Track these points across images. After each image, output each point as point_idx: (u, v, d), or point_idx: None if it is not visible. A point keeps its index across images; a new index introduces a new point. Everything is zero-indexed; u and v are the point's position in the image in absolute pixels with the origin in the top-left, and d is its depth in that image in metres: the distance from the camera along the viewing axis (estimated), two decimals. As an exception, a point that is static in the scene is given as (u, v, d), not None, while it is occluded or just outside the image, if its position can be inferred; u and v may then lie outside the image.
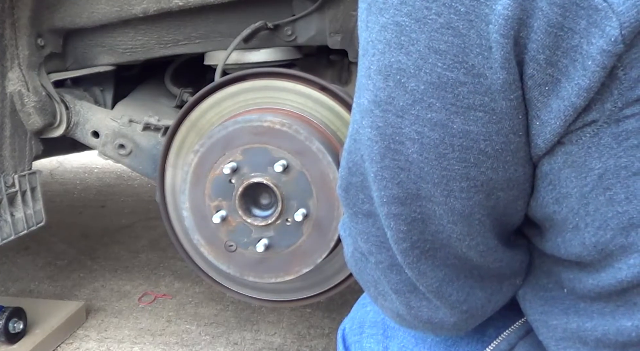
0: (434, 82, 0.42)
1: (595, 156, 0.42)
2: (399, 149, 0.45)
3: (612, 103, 0.40)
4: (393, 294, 0.54)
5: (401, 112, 0.44)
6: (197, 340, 1.72)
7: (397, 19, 0.43)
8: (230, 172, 1.10)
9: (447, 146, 0.44)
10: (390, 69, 0.44)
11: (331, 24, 1.28)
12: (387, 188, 0.47)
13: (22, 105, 1.38)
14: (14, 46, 1.35)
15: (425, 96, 0.43)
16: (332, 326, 1.76)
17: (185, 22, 1.36)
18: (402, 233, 0.48)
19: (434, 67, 0.42)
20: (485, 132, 0.43)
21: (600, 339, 0.47)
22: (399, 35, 0.43)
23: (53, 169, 3.80)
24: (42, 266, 2.28)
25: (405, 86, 0.43)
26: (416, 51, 0.42)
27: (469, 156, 0.44)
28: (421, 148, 0.44)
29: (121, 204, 3.09)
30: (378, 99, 0.45)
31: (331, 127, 1.19)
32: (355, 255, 0.57)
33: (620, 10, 0.38)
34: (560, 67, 0.40)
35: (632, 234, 0.42)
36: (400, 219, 0.47)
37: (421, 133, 0.44)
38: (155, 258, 2.35)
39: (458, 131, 0.43)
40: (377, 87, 0.45)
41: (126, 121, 1.44)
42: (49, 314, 1.74)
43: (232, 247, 1.15)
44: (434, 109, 0.43)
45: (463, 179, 0.45)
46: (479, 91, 0.42)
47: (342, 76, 1.52)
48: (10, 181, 1.40)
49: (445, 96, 0.42)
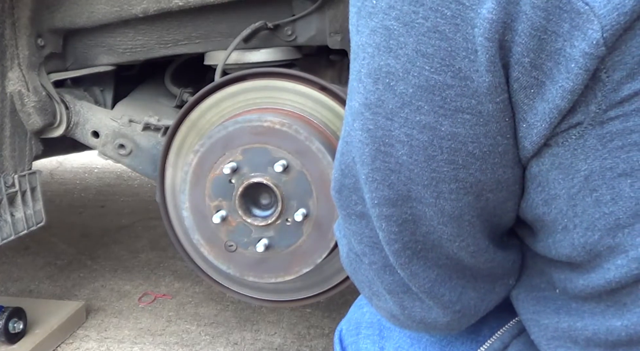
0: (422, 85, 0.43)
1: (581, 158, 0.42)
2: (389, 151, 0.46)
3: (596, 105, 0.41)
4: (387, 294, 0.54)
5: (391, 115, 0.45)
6: (197, 340, 1.72)
7: (386, 23, 0.43)
8: (230, 172, 1.10)
9: (436, 148, 0.44)
10: (379, 72, 0.44)
11: (331, 24, 1.29)
12: (378, 190, 0.47)
13: (22, 105, 1.38)
14: (14, 46, 1.35)
15: (414, 99, 0.43)
16: (332, 326, 1.76)
17: (185, 22, 1.36)
18: (393, 234, 0.49)
19: (422, 70, 0.42)
20: (473, 134, 0.43)
21: (591, 338, 0.47)
22: (388, 39, 0.43)
23: (53, 169, 3.80)
24: (42, 266, 2.28)
25: (394, 89, 0.44)
26: (404, 55, 0.43)
27: (457, 158, 0.44)
28: (410, 150, 0.45)
29: (121, 204, 3.09)
30: (368, 101, 0.46)
31: (331, 127, 1.19)
32: (350, 256, 0.58)
33: (601, 13, 0.38)
34: (545, 70, 0.41)
35: (619, 235, 0.43)
36: (392, 221, 0.48)
37: (410, 136, 0.45)
38: (155, 258, 2.35)
39: (446, 133, 0.44)
40: (367, 90, 0.46)
41: (126, 121, 1.44)
42: (49, 314, 1.74)
43: (232, 247, 1.15)
44: (423, 111, 0.43)
45: (452, 180, 0.45)
46: (465, 93, 0.42)
47: (342, 76, 1.52)
48: (10, 181, 1.40)
49: (433, 98, 0.43)
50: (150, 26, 1.38)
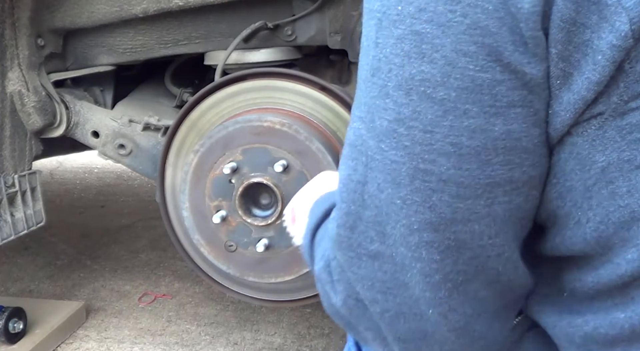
0: (467, 86, 0.41)
1: (599, 149, 0.42)
2: (430, 168, 0.43)
3: (618, 96, 0.41)
4: (396, 343, 0.51)
5: (430, 127, 0.42)
6: (197, 340, 1.72)
7: (416, 28, 0.41)
8: (230, 172, 1.10)
9: (490, 152, 0.42)
10: (412, 81, 0.42)
11: (331, 24, 1.29)
12: (418, 213, 0.44)
13: (22, 105, 1.38)
14: (14, 46, 1.35)
15: (458, 103, 0.41)
16: (332, 326, 1.76)
17: (185, 22, 1.36)
18: (435, 263, 0.45)
19: (465, 70, 0.41)
20: (525, 127, 0.42)
21: (590, 334, 0.47)
22: (420, 44, 0.41)
23: (53, 169, 3.80)
24: (42, 266, 2.28)
25: (432, 96, 0.42)
26: (442, 57, 0.41)
27: (513, 157, 0.43)
28: (459, 161, 0.42)
29: (121, 204, 3.09)
30: (401, 116, 0.43)
31: (331, 127, 1.19)
32: (348, 303, 0.53)
33: (629, 5, 0.38)
34: (572, 62, 0.41)
35: (634, 228, 0.42)
36: (433, 248, 0.45)
37: (458, 144, 0.42)
38: (155, 258, 2.35)
39: (500, 132, 0.42)
40: (398, 104, 0.43)
41: (126, 121, 1.44)
42: (49, 314, 1.74)
43: (232, 247, 1.15)
44: (471, 114, 0.41)
45: (507, 182, 0.43)
46: (517, 86, 0.41)
47: (342, 76, 1.52)
48: (10, 181, 1.40)
49: (481, 98, 0.41)
50: (150, 26, 1.38)
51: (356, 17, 1.25)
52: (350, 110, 1.16)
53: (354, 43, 1.27)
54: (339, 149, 1.14)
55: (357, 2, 1.24)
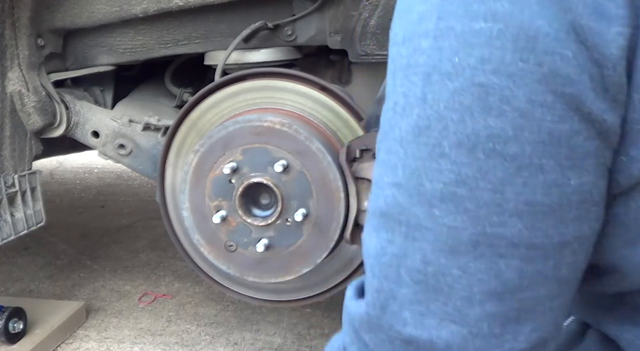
0: (543, 139, 0.38)
1: None
2: (498, 232, 0.39)
3: None
4: None
5: (501, 186, 0.39)
6: (197, 340, 1.72)
7: (479, 80, 0.38)
8: (230, 172, 1.10)
9: (565, 207, 0.39)
10: (476, 138, 0.38)
11: (331, 24, 1.28)
12: (481, 282, 0.40)
13: (22, 105, 1.38)
14: (14, 46, 1.35)
15: (533, 158, 0.38)
16: (332, 326, 1.76)
17: (185, 22, 1.36)
18: (494, 338, 0.41)
19: (542, 122, 0.37)
20: (595, 179, 0.39)
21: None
22: (485, 96, 0.38)
23: (53, 169, 3.80)
24: (42, 266, 2.28)
25: (502, 153, 0.38)
26: (513, 110, 0.37)
27: (583, 212, 0.40)
28: (533, 220, 0.39)
29: (121, 204, 3.09)
30: (462, 177, 0.39)
31: (331, 127, 1.19)
32: None
33: None
34: None
35: None
36: (495, 321, 0.41)
37: (532, 202, 0.39)
38: (155, 258, 2.35)
39: (575, 186, 0.39)
40: (458, 164, 0.39)
41: (126, 121, 1.44)
42: (49, 314, 1.74)
43: (232, 247, 1.15)
44: (547, 169, 0.38)
45: (576, 239, 0.40)
46: (592, 136, 0.38)
47: (342, 76, 1.52)
48: (10, 181, 1.40)
49: (559, 151, 0.38)
50: (150, 26, 1.38)
51: (356, 17, 1.25)
52: (350, 110, 1.17)
53: (354, 43, 1.27)
54: (338, 149, 1.14)
55: (357, 2, 1.24)
